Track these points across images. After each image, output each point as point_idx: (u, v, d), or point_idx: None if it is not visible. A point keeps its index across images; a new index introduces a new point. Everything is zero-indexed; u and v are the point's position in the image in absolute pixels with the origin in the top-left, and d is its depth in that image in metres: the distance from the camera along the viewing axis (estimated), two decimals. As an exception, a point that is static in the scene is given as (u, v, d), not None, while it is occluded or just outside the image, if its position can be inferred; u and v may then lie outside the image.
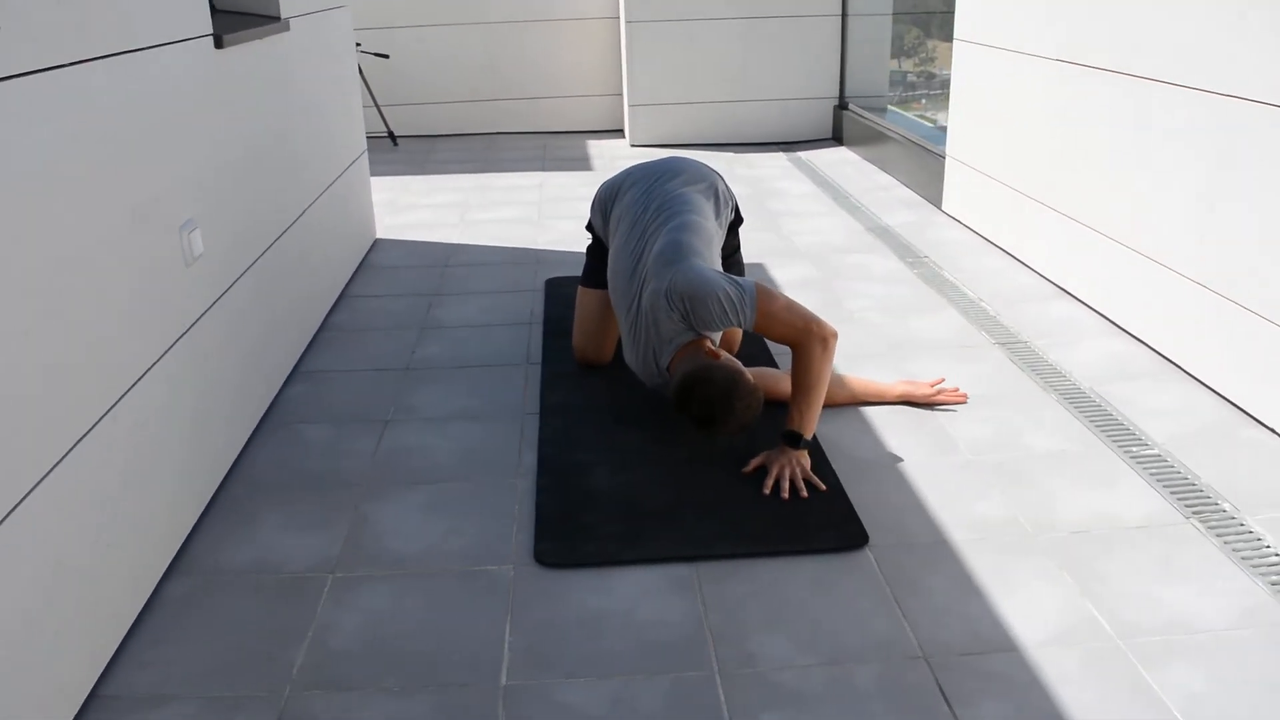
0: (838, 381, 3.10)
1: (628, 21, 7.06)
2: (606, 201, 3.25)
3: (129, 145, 2.31)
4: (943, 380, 3.22)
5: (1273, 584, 2.25)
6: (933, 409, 3.11)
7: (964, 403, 3.15)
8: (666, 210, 3.00)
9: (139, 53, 2.38)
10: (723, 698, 1.95)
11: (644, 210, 3.04)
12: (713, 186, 3.18)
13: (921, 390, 3.14)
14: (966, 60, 4.92)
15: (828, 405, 2.98)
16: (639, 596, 2.26)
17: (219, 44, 2.88)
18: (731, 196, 3.26)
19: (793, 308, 2.76)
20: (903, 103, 7.15)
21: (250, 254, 3.08)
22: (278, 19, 3.48)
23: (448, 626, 2.18)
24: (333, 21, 4.35)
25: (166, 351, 2.44)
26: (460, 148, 7.46)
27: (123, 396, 2.20)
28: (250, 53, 3.17)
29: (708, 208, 3.07)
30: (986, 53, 4.68)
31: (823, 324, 2.74)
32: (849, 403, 3.13)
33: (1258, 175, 2.93)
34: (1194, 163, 3.20)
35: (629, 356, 2.98)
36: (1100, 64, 3.71)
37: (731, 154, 6.98)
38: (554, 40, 7.77)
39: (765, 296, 2.74)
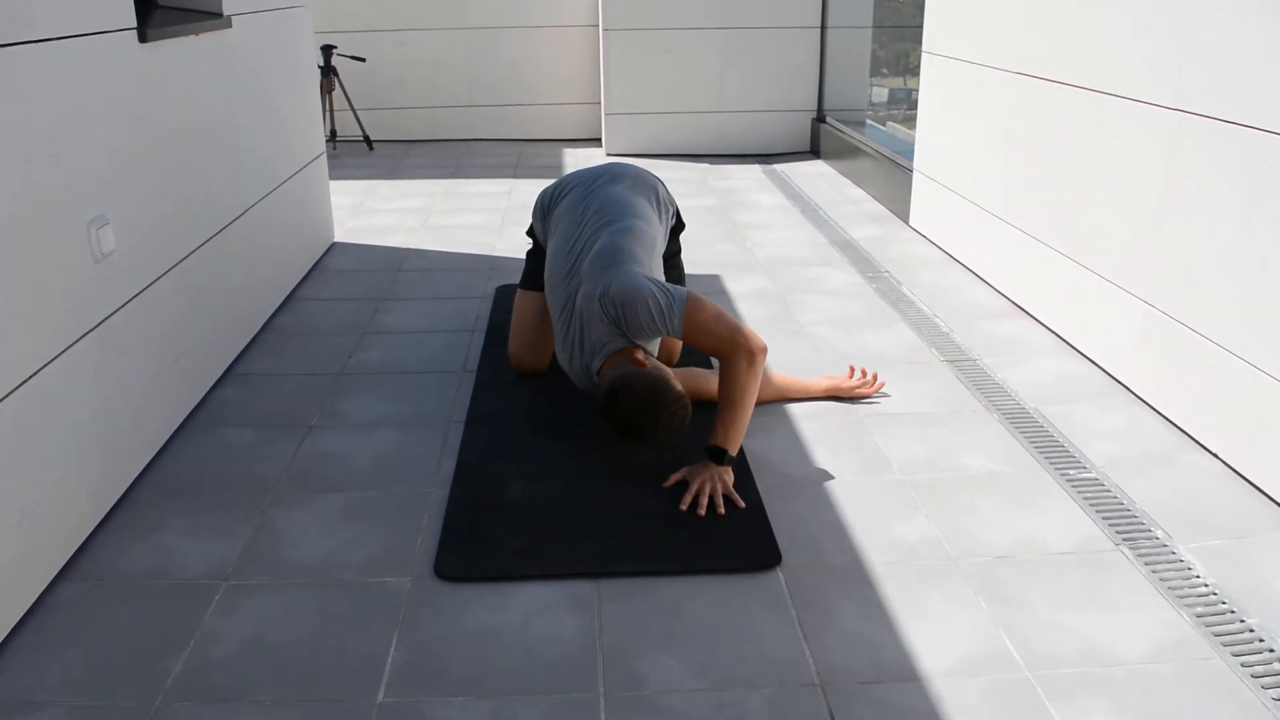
0: (764, 379, 3.09)
1: (606, 30, 7.01)
2: (547, 205, 3.20)
3: (28, 138, 2.25)
4: (860, 371, 3.27)
5: (1198, 616, 2.17)
6: (857, 401, 3.18)
7: (881, 386, 3.24)
8: (607, 213, 2.95)
9: (42, 44, 2.32)
10: (603, 721, 1.88)
11: (584, 212, 2.99)
12: (654, 190, 3.14)
13: (845, 384, 3.20)
14: (934, 73, 4.86)
15: (756, 404, 2.93)
16: (535, 613, 2.18)
17: (143, 38, 2.81)
18: (672, 202, 3.21)
19: (722, 318, 2.70)
20: (901, 120, 7.08)
21: (173, 253, 3.01)
22: (219, 15, 3.42)
23: (334, 638, 2.11)
24: (288, 21, 4.29)
25: (66, 349, 2.37)
26: (435, 153, 7.41)
27: (8, 395, 2.13)
28: (181, 48, 3.11)
29: (650, 212, 3.03)
30: (953, 65, 4.62)
31: (751, 337, 2.68)
32: (775, 399, 3.15)
33: (1205, 193, 2.86)
34: (1145, 179, 3.14)
35: (562, 357, 2.93)
36: (1055, 77, 3.65)
37: (707, 165, 6.93)
38: (533, 47, 7.73)
39: (694, 305, 2.68)
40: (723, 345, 2.67)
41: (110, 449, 2.59)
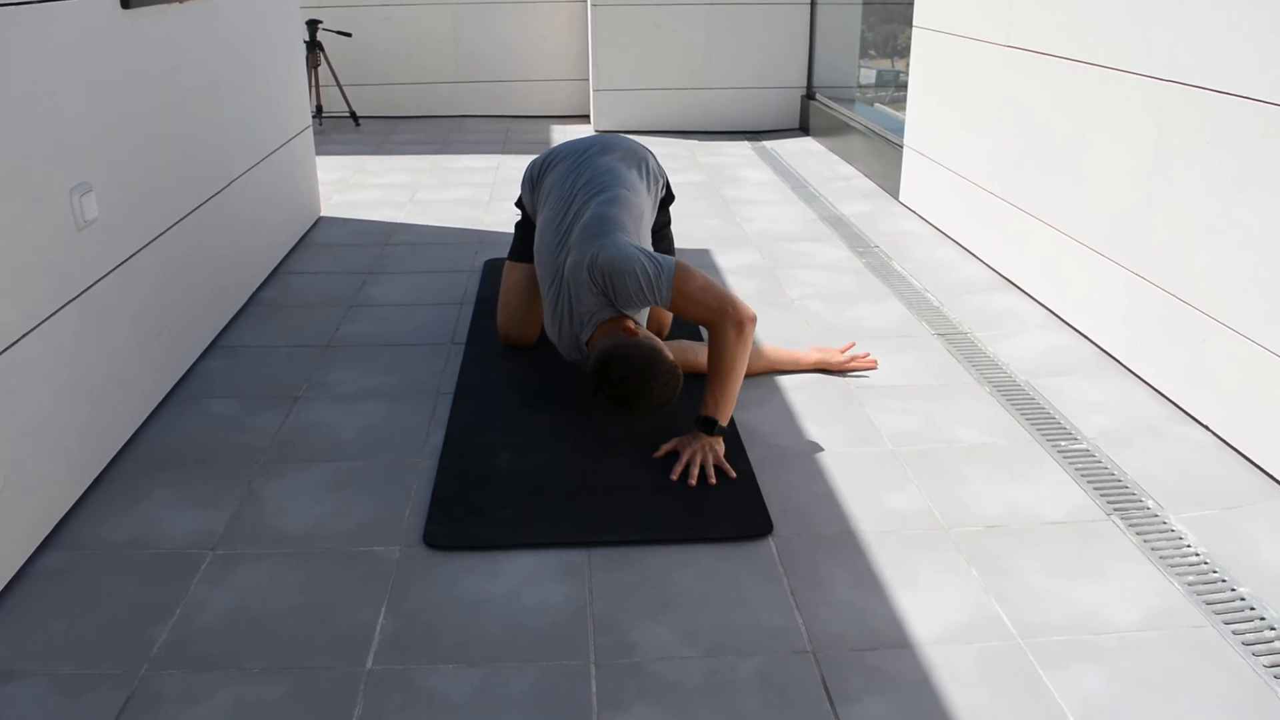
0: (754, 351, 3.07)
1: (594, 5, 6.95)
2: (536, 175, 3.18)
3: (8, 102, 2.21)
4: (853, 345, 3.27)
5: (1189, 584, 2.16)
6: (845, 375, 3.18)
7: (874, 368, 3.21)
8: (596, 183, 2.93)
9: (22, 7, 2.27)
10: (594, 688, 1.86)
11: (573, 183, 2.96)
12: (643, 161, 3.11)
13: (835, 358, 3.19)
14: (925, 48, 4.83)
15: (746, 376, 2.93)
16: (525, 582, 2.17)
17: (126, 4, 2.77)
18: (662, 174, 3.18)
19: (710, 288, 2.68)
20: (890, 102, 7.04)
21: (157, 223, 2.97)
22: (203, -18, 3.37)
23: (322, 608, 2.09)
24: (273, -9, 4.24)
25: (47, 318, 2.33)
26: (422, 129, 7.35)
27: (-11, 361, 2.10)
28: (165, 16, 3.06)
29: (639, 183, 3.00)
30: (943, 39, 4.60)
31: (740, 307, 2.66)
32: (766, 371, 3.14)
33: (1195, 164, 2.85)
34: (1135, 151, 3.12)
35: (550, 329, 2.91)
36: (1046, 49, 3.63)
37: (696, 142, 6.89)
38: (520, 23, 7.66)
39: (682, 275, 2.66)
40: (711, 315, 2.65)
41: (93, 419, 2.55)
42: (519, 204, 3.31)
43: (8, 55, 2.21)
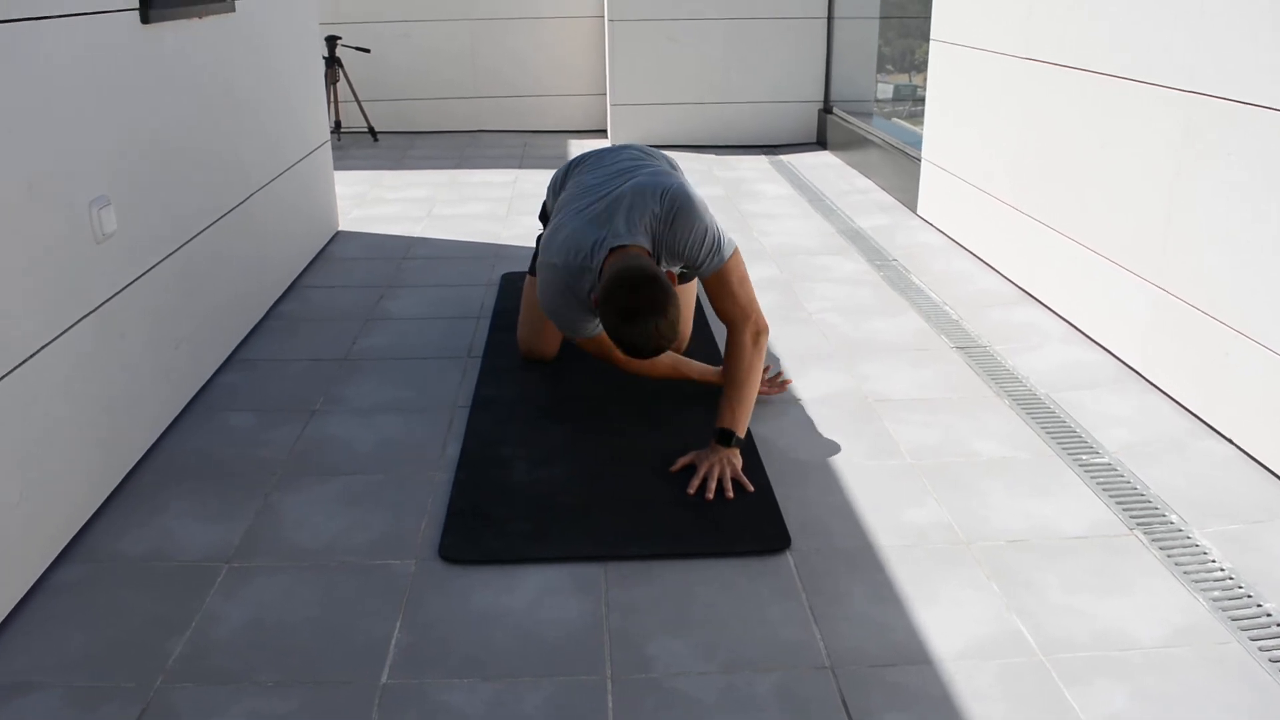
0: (678, 361, 3.05)
1: (611, 20, 6.97)
2: (560, 180, 3.18)
3: (28, 116, 2.22)
4: (768, 369, 3.12)
5: (1214, 600, 2.13)
6: (767, 396, 3.06)
7: (782, 391, 3.09)
8: (640, 161, 2.96)
9: (43, 21, 2.29)
10: (610, 703, 1.85)
11: (612, 163, 2.98)
12: (669, 164, 3.14)
13: None
14: (942, 62, 4.82)
15: (658, 376, 3.01)
16: (541, 596, 2.15)
17: (146, 19, 2.79)
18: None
19: (749, 287, 2.75)
20: (907, 116, 7.01)
21: (175, 237, 2.98)
22: (222, -2, 3.40)
23: (337, 621, 2.08)
24: (292, 7, 4.25)
25: (67, 330, 2.34)
26: (440, 144, 7.38)
27: (6, 375, 2.10)
28: (184, 30, 3.08)
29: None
30: (961, 53, 4.58)
31: (762, 317, 2.72)
32: (669, 376, 3.05)
33: (1218, 175, 2.82)
34: (1157, 163, 3.09)
35: (560, 234, 2.79)
36: (1064, 61, 3.61)
37: (713, 156, 6.89)
38: (538, 38, 7.69)
39: (736, 260, 2.73)
40: (738, 312, 2.69)
41: (111, 432, 2.56)
42: (542, 215, 3.30)
43: (27, 68, 2.22)
